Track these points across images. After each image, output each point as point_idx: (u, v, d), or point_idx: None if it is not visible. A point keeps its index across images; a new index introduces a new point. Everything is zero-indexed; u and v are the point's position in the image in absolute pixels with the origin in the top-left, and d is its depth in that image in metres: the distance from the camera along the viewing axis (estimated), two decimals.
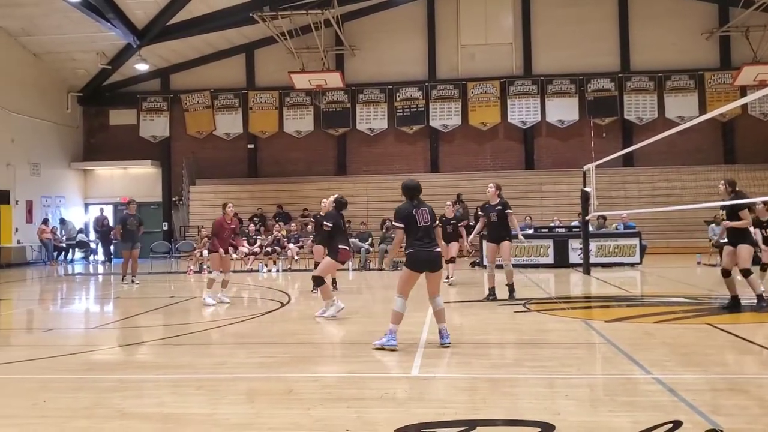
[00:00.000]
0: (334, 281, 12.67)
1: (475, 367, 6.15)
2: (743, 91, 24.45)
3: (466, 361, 6.43)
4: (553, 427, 4.27)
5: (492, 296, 11.01)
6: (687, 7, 25.66)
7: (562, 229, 19.01)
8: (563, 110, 26.20)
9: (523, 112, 26.48)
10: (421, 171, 26.72)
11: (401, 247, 7.35)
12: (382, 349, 6.86)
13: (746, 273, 8.98)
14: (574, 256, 17.61)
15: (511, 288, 11.16)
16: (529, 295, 11.71)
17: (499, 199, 11.17)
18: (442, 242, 8.51)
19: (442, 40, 26.85)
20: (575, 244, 17.62)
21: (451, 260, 14.04)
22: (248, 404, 5.04)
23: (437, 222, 7.42)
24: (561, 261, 17.76)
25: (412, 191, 7.27)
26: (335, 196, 10.18)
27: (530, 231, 19.23)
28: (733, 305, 9.22)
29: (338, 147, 27.31)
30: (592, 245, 17.09)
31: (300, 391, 5.40)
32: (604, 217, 19.84)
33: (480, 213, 12.47)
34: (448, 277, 13.64)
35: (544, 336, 7.81)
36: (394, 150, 27.08)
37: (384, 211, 22.77)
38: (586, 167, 16.15)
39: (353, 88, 26.73)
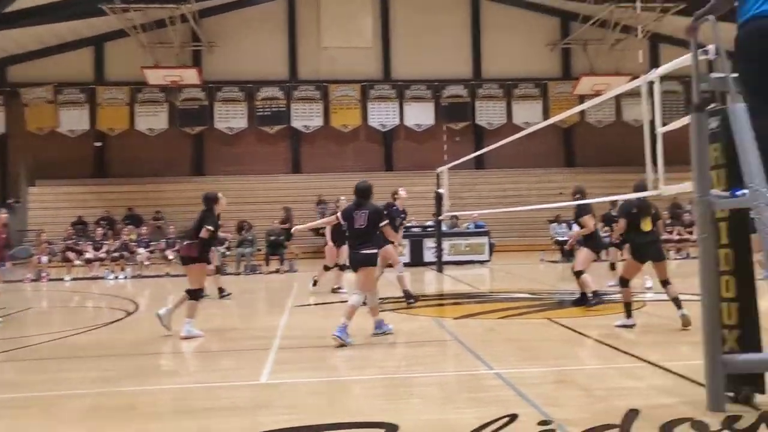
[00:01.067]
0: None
1: (325, 371, 6.18)
2: (582, 99, 26.26)
3: (317, 365, 6.44)
4: (396, 426, 4.36)
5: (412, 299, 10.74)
6: (533, 20, 27.22)
7: (418, 229, 19.52)
8: (420, 115, 27.00)
9: (382, 115, 26.99)
10: (283, 172, 26.54)
11: None
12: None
13: (578, 274, 9.55)
14: (429, 255, 18.16)
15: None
16: (384, 294, 11.89)
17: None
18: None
19: (304, 40, 26.80)
20: (429, 243, 18.18)
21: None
22: (85, 422, 4.77)
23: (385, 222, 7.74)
24: (416, 260, 18.24)
25: (357, 192, 7.66)
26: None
27: None
28: (581, 300, 9.61)
29: (195, 146, 26.53)
30: (445, 244, 17.72)
31: (143, 405, 5.16)
32: (456, 217, 20.59)
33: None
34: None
35: (395, 335, 7.96)
36: (254, 150, 26.70)
37: (243, 213, 22.35)
38: (439, 169, 16.70)
39: (211, 85, 26.08)
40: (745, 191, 4.16)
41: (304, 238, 23.77)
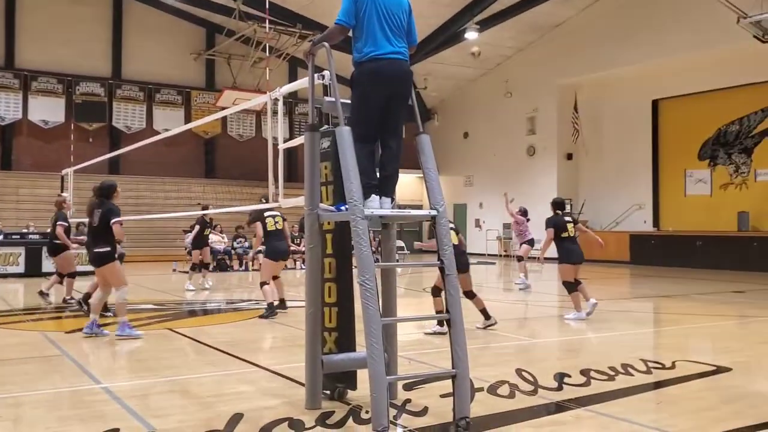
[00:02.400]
0: None
1: None
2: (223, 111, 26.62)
3: None
4: None
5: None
6: (178, 27, 26.79)
7: (37, 236, 17.66)
8: (48, 110, 24.59)
9: (2, 107, 23.94)
10: None
11: None
12: None
13: (261, 285, 9.92)
14: (49, 265, 16.49)
15: None
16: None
17: None
18: None
19: None
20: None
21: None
22: None
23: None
24: (33, 269, 16.44)
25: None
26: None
27: (0, 237, 17.45)
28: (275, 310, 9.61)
29: None
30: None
31: None
32: (84, 224, 19.11)
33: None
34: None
35: None
36: None
37: None
38: (65, 171, 15.40)
39: None
40: (347, 206, 4.59)
41: None
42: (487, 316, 8.36)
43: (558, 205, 9.86)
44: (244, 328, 8.93)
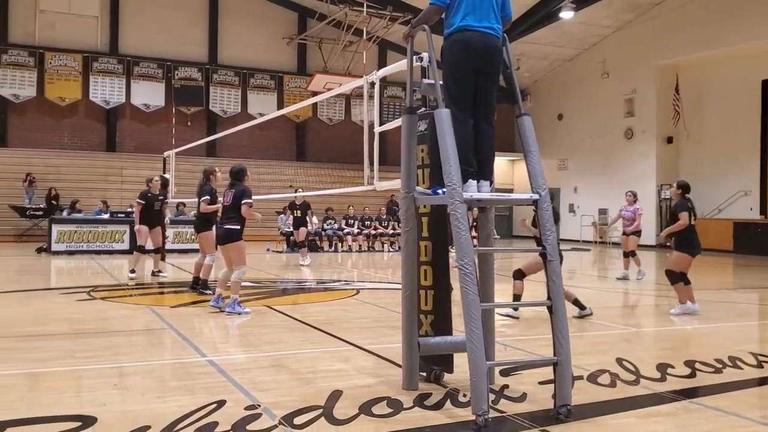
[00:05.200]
0: None
1: (18, 363, 5.57)
2: (315, 95, 27.00)
3: (11, 357, 5.79)
4: (95, 419, 4.08)
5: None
6: (271, 12, 27.31)
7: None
8: (149, 94, 25.63)
9: (106, 91, 25.13)
10: None
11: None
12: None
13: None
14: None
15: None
16: (96, 282, 11.14)
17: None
18: None
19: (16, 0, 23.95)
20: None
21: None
22: None
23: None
24: (135, 246, 17.25)
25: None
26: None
27: (106, 216, 18.43)
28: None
29: None
30: (170, 232, 17.04)
31: None
32: (184, 204, 19.94)
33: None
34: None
35: (103, 324, 7.48)
36: None
37: None
38: (167, 153, 16.04)
39: None
40: (445, 189, 4.57)
41: (8, 219, 21.39)
42: (581, 306, 8.12)
43: (686, 188, 9.07)
44: (337, 307, 9.09)
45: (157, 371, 5.47)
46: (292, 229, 16.59)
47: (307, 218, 16.80)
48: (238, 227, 8.21)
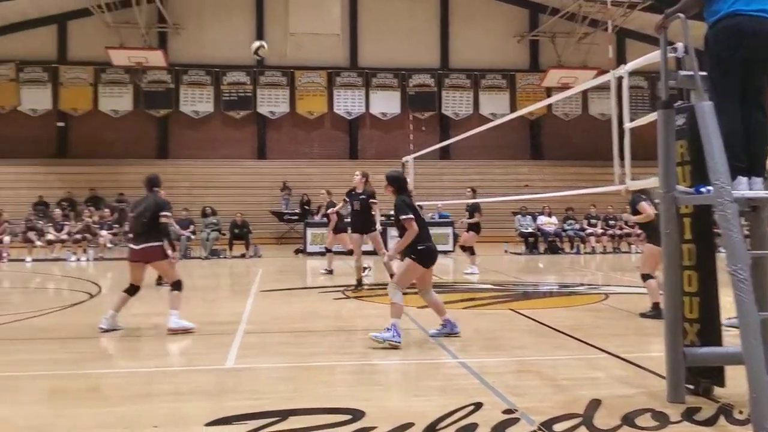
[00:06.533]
0: None
1: (291, 357, 6.16)
2: (549, 91, 26.51)
3: (283, 351, 6.44)
4: (363, 413, 4.38)
5: (359, 286, 10.83)
6: (501, 11, 27.33)
7: (383, 218, 19.48)
8: (386, 103, 26.96)
9: (348, 103, 26.89)
10: (248, 157, 26.32)
11: None
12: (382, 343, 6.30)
13: None
14: (393, 244, 18.12)
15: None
16: (350, 282, 11.93)
17: (364, 188, 10.89)
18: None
19: (271, 26, 26.52)
20: (393, 233, 18.11)
21: None
22: (48, 404, 4.70)
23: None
24: None
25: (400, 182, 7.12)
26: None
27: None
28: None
29: (159, 129, 26.13)
30: None
31: (107, 387, 5.12)
32: (420, 207, 20.60)
33: (345, 199, 12.26)
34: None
35: (360, 323, 8.00)
36: (220, 135, 26.38)
37: (208, 197, 22.15)
38: (405, 158, 16.72)
39: (177, 68, 25.68)
40: (710, 188, 4.25)
41: (268, 223, 23.69)
42: None
43: None
44: (585, 312, 8.82)
45: (413, 370, 5.73)
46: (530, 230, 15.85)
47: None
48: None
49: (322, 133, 27.12)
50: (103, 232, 18.37)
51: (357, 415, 4.37)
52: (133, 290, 7.44)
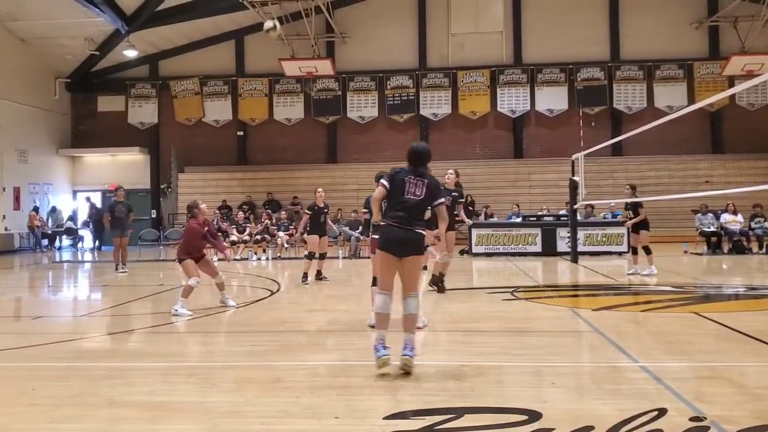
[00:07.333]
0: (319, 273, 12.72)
1: (464, 355, 6.19)
2: (731, 80, 24.57)
3: (455, 349, 6.49)
4: (540, 414, 4.32)
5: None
6: None
7: (550, 218, 19.09)
8: (552, 99, 26.25)
9: (512, 101, 26.51)
10: None
11: None
12: None
13: None
14: (562, 245, 17.70)
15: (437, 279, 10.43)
16: (516, 283, 11.79)
17: (455, 187, 10.76)
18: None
19: (433, 28, 26.80)
20: (563, 233, 17.69)
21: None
22: (237, 392, 5.07)
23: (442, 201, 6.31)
24: (549, 249, 17.87)
25: (411, 156, 6.32)
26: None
27: (518, 219, 19.40)
28: None
29: (329, 135, 27.26)
30: (580, 234, 17.20)
31: (289, 379, 5.43)
32: (592, 206, 19.92)
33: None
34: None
35: (531, 324, 7.87)
36: (384, 138, 27.03)
37: None
38: (574, 156, 16.20)
39: (344, 75, 26.66)
40: None
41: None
42: None
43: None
44: None
45: (591, 373, 5.56)
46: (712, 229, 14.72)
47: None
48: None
49: (485, 132, 26.95)
50: (280, 233, 19.50)
51: (534, 415, 4.31)
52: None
